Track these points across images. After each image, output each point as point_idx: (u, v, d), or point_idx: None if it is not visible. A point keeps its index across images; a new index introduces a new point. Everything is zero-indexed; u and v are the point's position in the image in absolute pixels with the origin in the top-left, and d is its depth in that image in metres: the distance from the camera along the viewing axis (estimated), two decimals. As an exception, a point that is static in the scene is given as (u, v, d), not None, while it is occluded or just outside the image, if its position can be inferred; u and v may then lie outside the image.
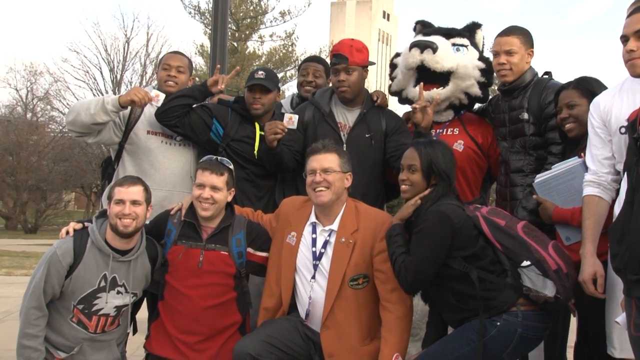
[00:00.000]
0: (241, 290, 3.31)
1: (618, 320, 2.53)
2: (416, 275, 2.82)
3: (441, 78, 3.72)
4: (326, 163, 3.14)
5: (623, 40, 2.49)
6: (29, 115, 34.12)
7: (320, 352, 3.07)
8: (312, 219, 3.22)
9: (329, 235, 3.16)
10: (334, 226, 3.16)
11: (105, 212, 3.21)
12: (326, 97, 3.81)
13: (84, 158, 29.79)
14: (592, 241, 2.77)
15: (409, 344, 3.09)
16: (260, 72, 3.75)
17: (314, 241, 3.18)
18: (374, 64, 3.95)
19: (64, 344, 3.11)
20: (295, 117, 3.73)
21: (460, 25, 3.95)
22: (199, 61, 27.41)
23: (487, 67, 3.78)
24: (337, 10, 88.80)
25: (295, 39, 30.62)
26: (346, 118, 3.76)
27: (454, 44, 3.78)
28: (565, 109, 3.19)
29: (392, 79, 4.01)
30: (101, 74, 31.67)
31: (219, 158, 3.36)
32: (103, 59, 31.22)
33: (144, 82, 29.28)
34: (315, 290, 3.12)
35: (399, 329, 3.01)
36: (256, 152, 3.70)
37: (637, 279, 2.32)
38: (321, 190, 3.12)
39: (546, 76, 3.64)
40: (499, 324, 2.77)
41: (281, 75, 27.72)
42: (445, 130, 3.86)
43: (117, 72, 31.13)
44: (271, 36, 30.56)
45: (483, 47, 3.98)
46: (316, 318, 3.11)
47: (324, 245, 3.15)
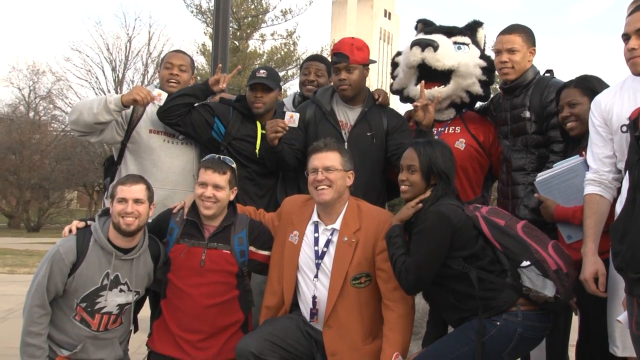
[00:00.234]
0: (243, 288, 3.31)
1: (620, 318, 2.53)
2: (417, 276, 2.82)
3: (442, 76, 3.72)
4: (328, 161, 3.14)
5: (624, 38, 2.48)
6: (31, 114, 34.16)
7: (322, 351, 3.07)
8: (315, 217, 3.23)
9: (331, 234, 3.16)
10: (336, 225, 3.16)
11: (108, 210, 3.22)
12: (327, 95, 3.81)
13: (86, 157, 29.82)
14: (594, 240, 2.77)
15: (410, 342, 3.09)
16: (262, 71, 3.75)
17: (316, 240, 3.18)
18: (374, 62, 3.95)
19: (67, 342, 3.12)
20: (296, 116, 3.73)
21: (461, 24, 3.95)
22: (200, 60, 27.40)
23: (489, 65, 3.78)
24: (338, 8, 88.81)
25: (296, 37, 30.62)
26: (347, 116, 3.76)
27: (455, 43, 3.77)
28: (567, 108, 3.19)
29: (394, 77, 4.01)
30: (103, 73, 31.72)
31: (221, 157, 3.37)
32: (105, 58, 31.24)
33: (145, 81, 29.29)
34: (318, 289, 3.12)
35: (401, 327, 3.02)
36: (258, 150, 3.71)
37: (638, 277, 2.32)
38: (323, 189, 3.12)
39: (548, 74, 3.64)
40: (498, 323, 2.77)
41: (282, 74, 27.71)
42: (447, 128, 3.86)
43: (119, 71, 31.14)
44: (272, 35, 30.56)
45: (484, 46, 3.98)
46: (319, 317, 3.11)
47: (327, 244, 3.15)
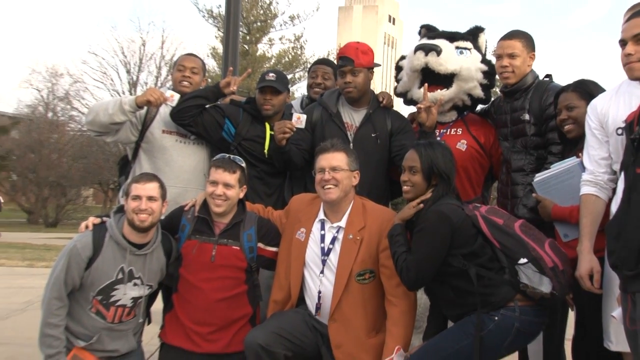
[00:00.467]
0: (252, 283, 3.32)
1: (614, 314, 2.52)
2: (418, 274, 2.82)
3: (445, 80, 3.71)
4: (335, 162, 3.14)
5: (621, 44, 2.48)
6: (50, 114, 34.27)
7: (327, 343, 3.07)
8: (321, 215, 3.23)
9: (337, 232, 3.16)
10: (342, 223, 3.16)
11: (123, 207, 3.23)
12: (333, 98, 3.81)
13: (102, 156, 29.93)
14: (589, 238, 2.76)
15: (412, 336, 3.09)
16: (271, 75, 3.76)
17: (322, 237, 3.18)
18: (379, 65, 3.94)
19: (83, 333, 3.13)
20: (304, 117, 3.74)
21: (463, 29, 3.94)
22: (211, 63, 27.44)
23: (490, 69, 3.77)
24: (344, 14, 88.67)
25: (303, 42, 30.61)
26: (353, 118, 3.76)
27: (457, 47, 3.77)
28: (565, 111, 3.18)
29: (398, 80, 4.01)
30: (118, 75, 31.80)
31: (231, 156, 3.37)
32: (120, 61, 31.34)
33: (158, 83, 29.38)
34: (324, 285, 3.12)
35: (403, 322, 3.02)
36: (266, 150, 3.71)
37: (633, 274, 2.32)
38: (330, 188, 3.12)
39: (547, 79, 3.63)
40: (496, 318, 2.76)
41: (290, 76, 27.69)
42: (449, 130, 3.85)
43: (133, 74, 31.24)
44: (281, 39, 30.56)
45: (485, 50, 3.97)
46: (324, 311, 3.12)
47: (332, 242, 3.16)
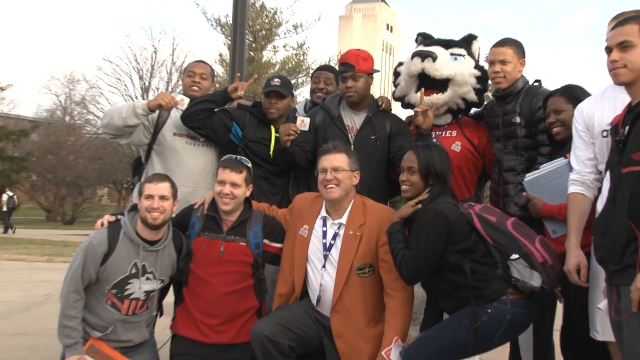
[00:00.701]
0: (258, 277, 3.32)
1: (600, 306, 2.53)
2: (416, 269, 2.82)
3: (440, 85, 3.70)
4: (336, 162, 3.14)
5: (607, 51, 2.47)
6: (67, 118, 34.42)
7: (329, 334, 3.07)
8: (323, 213, 3.23)
9: (338, 228, 3.16)
10: (343, 220, 3.16)
11: (136, 206, 3.23)
12: (335, 102, 3.81)
13: (116, 157, 30.02)
14: (577, 235, 2.76)
15: (409, 327, 3.09)
16: (276, 80, 3.75)
17: (324, 233, 3.18)
18: (378, 71, 3.94)
19: (99, 324, 3.14)
20: (307, 120, 3.73)
21: (458, 37, 3.94)
22: (219, 69, 27.46)
23: (483, 74, 3.76)
24: (344, 23, 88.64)
25: (306, 49, 30.67)
26: (353, 121, 3.75)
27: (452, 54, 3.75)
28: (553, 114, 3.18)
29: (396, 85, 4.00)
30: (131, 81, 32.11)
31: (238, 157, 3.37)
32: (133, 67, 31.43)
33: (169, 89, 29.39)
34: (325, 279, 3.12)
35: (401, 313, 3.02)
36: (271, 152, 3.71)
37: (618, 268, 2.32)
38: (331, 187, 3.12)
39: (536, 84, 3.63)
40: (489, 311, 2.76)
41: (293, 81, 27.68)
42: (444, 132, 3.84)
43: (145, 80, 31.33)
44: (284, 46, 30.58)
45: (479, 57, 3.96)
46: (326, 303, 3.12)
47: (334, 237, 3.16)
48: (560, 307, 3.23)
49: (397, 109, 4.01)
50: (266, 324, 3.03)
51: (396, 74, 4.00)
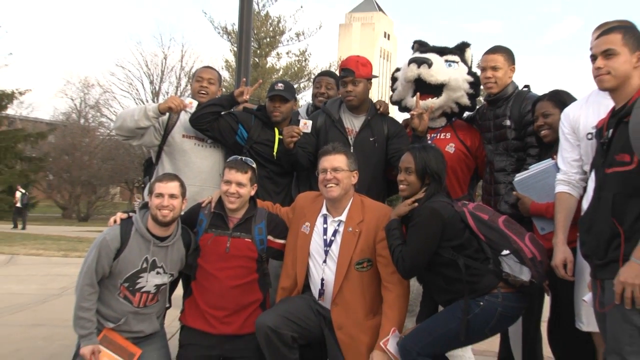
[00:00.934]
0: (262, 272, 3.32)
1: (585, 299, 2.54)
2: (412, 264, 2.82)
3: (435, 89, 3.70)
4: (336, 163, 3.15)
5: (592, 58, 2.48)
6: (82, 121, 34.46)
7: (330, 325, 3.07)
8: (324, 211, 3.23)
9: (338, 225, 3.17)
10: (343, 217, 3.17)
11: (147, 204, 3.24)
12: (336, 105, 3.81)
13: (128, 158, 30.02)
14: (563, 231, 2.77)
15: (406, 319, 3.10)
16: (280, 85, 3.76)
17: (325, 230, 3.18)
18: (377, 77, 3.94)
19: (112, 315, 3.15)
20: (309, 123, 3.73)
21: (451, 45, 3.94)
22: (225, 75, 27.44)
23: (475, 80, 3.76)
24: (344, 31, 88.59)
25: (308, 55, 30.55)
26: (353, 124, 3.75)
27: (446, 60, 3.75)
28: (541, 118, 3.19)
29: (393, 90, 3.99)
30: (142, 85, 31.91)
31: (243, 158, 3.38)
32: (144, 73, 31.44)
33: (178, 93, 29.40)
34: (326, 273, 3.13)
35: (398, 306, 3.02)
36: (275, 153, 3.71)
37: (602, 263, 2.33)
38: (331, 187, 3.13)
39: (526, 89, 3.62)
40: (482, 303, 2.77)
41: (296, 86, 27.65)
42: (439, 134, 3.84)
43: (156, 84, 31.32)
44: (287, 53, 30.52)
45: (471, 63, 3.97)
46: (327, 296, 3.12)
47: (334, 234, 3.16)
48: (547, 300, 3.23)
49: (394, 112, 4.01)
50: (270, 315, 3.04)
51: (394, 79, 4.00)
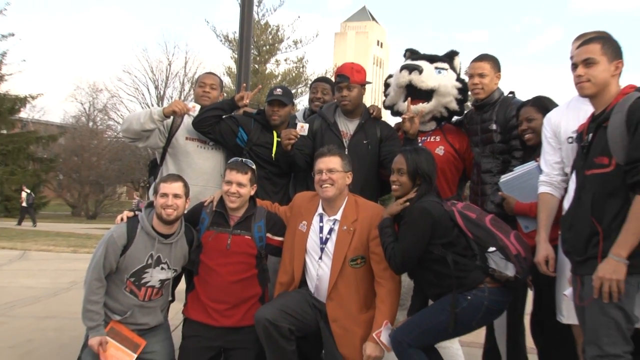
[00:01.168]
0: (261, 268, 3.32)
1: (566, 293, 2.54)
2: (403, 260, 2.83)
3: (426, 95, 3.69)
4: (331, 164, 3.14)
5: (573, 67, 2.49)
6: (90, 124, 34.40)
7: (325, 318, 3.07)
8: (320, 210, 3.23)
9: (333, 224, 3.16)
10: (338, 216, 3.16)
11: (152, 203, 3.24)
12: (331, 110, 3.80)
13: (134, 159, 29.99)
14: (546, 230, 2.77)
15: (397, 312, 3.10)
16: (278, 90, 3.75)
17: (321, 228, 3.18)
18: (370, 83, 3.93)
19: (119, 309, 3.15)
20: (306, 126, 3.72)
21: (441, 53, 3.94)
22: (227, 80, 27.41)
23: (463, 86, 3.75)
24: (339, 39, 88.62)
25: (305, 62, 30.58)
26: (347, 127, 3.75)
27: (436, 67, 3.75)
28: (525, 122, 3.19)
29: (386, 95, 3.99)
30: (148, 90, 31.91)
31: (243, 159, 3.37)
32: (149, 78, 31.50)
33: (182, 97, 29.34)
34: (322, 269, 3.13)
35: (389, 300, 3.02)
36: (274, 155, 3.70)
37: (582, 259, 2.34)
38: (327, 187, 3.12)
39: (511, 95, 3.63)
40: (469, 298, 2.77)
41: (293, 91, 27.49)
42: (429, 137, 3.83)
43: (160, 89, 31.39)
44: (285, 60, 30.51)
45: (460, 70, 3.97)
46: (322, 291, 3.12)
47: (329, 232, 3.16)
48: (530, 295, 3.24)
49: (387, 116, 4.01)
50: (268, 309, 3.04)
51: (386, 85, 4.00)
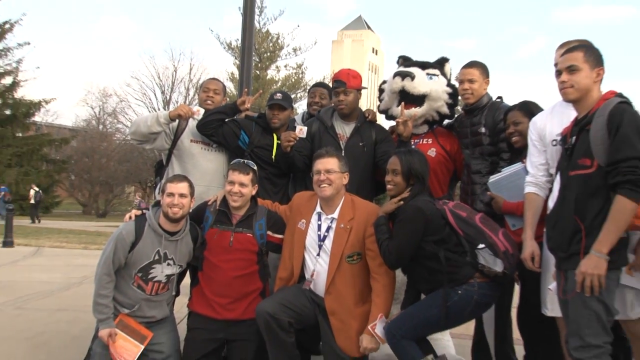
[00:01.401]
0: (262, 264, 3.32)
1: (550, 287, 2.55)
2: (398, 256, 2.83)
3: (418, 100, 3.69)
4: (328, 165, 3.14)
5: (557, 74, 2.49)
6: (100, 127, 34.38)
7: (323, 312, 3.07)
8: (318, 209, 3.22)
9: (331, 222, 3.16)
10: (335, 215, 3.16)
11: (159, 202, 3.23)
12: (329, 113, 3.80)
13: (141, 160, 29.96)
14: (532, 228, 2.78)
15: (392, 306, 3.10)
16: (278, 94, 3.75)
17: (319, 226, 3.18)
18: (366, 88, 3.93)
19: (127, 302, 3.14)
20: (305, 129, 3.72)
21: (432, 60, 3.94)
22: (229, 85, 27.42)
23: (454, 91, 3.76)
24: (336, 46, 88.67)
25: (304, 68, 30.64)
26: (344, 130, 3.74)
27: (428, 74, 3.75)
28: (512, 126, 3.19)
29: (381, 100, 3.99)
30: (155, 95, 31.95)
31: (245, 161, 3.37)
32: (156, 84, 31.52)
33: (187, 102, 29.35)
34: (320, 265, 3.13)
35: (384, 294, 3.02)
36: (274, 156, 3.70)
37: (565, 255, 2.35)
38: (325, 187, 3.12)
39: (499, 100, 3.64)
40: (460, 292, 2.77)
41: (293, 96, 27.58)
42: (422, 140, 3.83)
43: (167, 94, 31.40)
44: (285, 66, 30.58)
45: (450, 76, 3.97)
46: (320, 286, 3.11)
47: (327, 230, 3.15)
48: (517, 289, 3.24)
49: (381, 120, 4.02)
50: (269, 303, 3.03)
51: (381, 91, 4.00)
